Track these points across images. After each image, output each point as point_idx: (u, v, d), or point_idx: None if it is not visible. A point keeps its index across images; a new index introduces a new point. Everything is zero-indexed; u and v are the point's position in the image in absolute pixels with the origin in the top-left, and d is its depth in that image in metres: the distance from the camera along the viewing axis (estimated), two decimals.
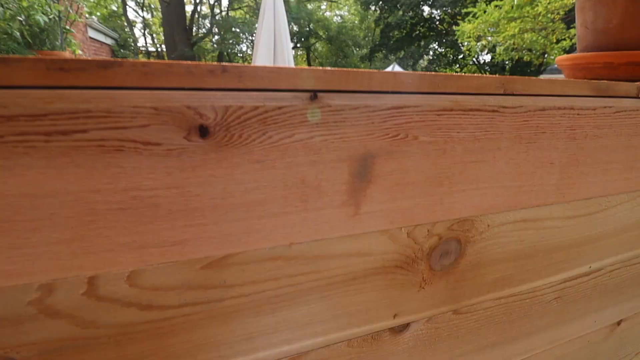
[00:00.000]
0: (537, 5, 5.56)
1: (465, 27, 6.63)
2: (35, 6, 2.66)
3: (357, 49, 20.25)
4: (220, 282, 0.30)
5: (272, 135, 0.29)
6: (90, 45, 6.69)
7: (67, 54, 2.93)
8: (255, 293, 0.32)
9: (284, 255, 0.32)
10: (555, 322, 0.54)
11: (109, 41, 8.07)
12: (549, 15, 5.41)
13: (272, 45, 5.51)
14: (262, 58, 5.52)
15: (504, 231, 0.43)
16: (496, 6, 6.02)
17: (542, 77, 3.32)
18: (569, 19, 5.44)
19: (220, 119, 0.27)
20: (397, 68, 5.66)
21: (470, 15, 6.58)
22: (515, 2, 5.71)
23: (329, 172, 0.31)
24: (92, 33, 6.90)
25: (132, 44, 8.90)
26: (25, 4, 2.65)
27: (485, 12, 6.25)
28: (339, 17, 22.63)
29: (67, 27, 2.96)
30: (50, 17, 2.70)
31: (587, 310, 0.57)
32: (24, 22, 2.60)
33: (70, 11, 2.99)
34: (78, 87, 0.23)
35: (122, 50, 8.39)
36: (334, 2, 21.76)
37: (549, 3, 5.29)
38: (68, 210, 0.25)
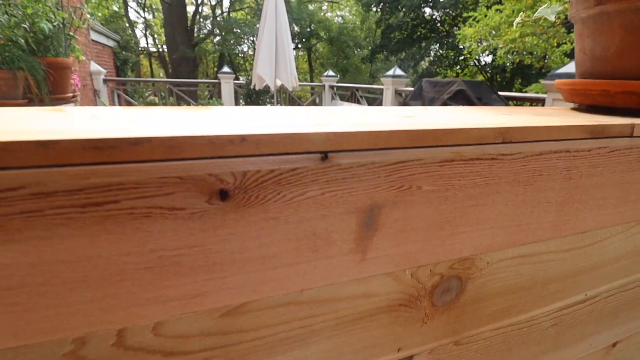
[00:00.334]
0: (537, 9, 5.54)
1: (467, 31, 6.65)
2: (40, 13, 2.69)
3: (358, 50, 20.27)
4: (237, 328, 0.32)
5: (286, 194, 0.31)
6: (92, 48, 6.72)
7: (70, 60, 2.95)
8: (269, 336, 0.34)
9: (295, 300, 0.34)
10: (552, 348, 0.56)
11: (110, 43, 8.10)
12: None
13: (273, 47, 5.54)
14: (263, 60, 5.54)
15: (503, 267, 0.46)
16: (497, 10, 6.05)
17: (542, 82, 3.34)
18: (569, 23, 5.46)
19: (239, 183, 0.29)
20: (398, 71, 5.69)
21: (472, 19, 6.60)
22: (516, 7, 5.74)
23: (338, 224, 0.34)
24: (94, 36, 6.93)
25: (134, 46, 8.91)
26: (29, 11, 2.67)
27: (486, 16, 6.27)
28: (340, 18, 22.64)
29: (71, 33, 2.98)
30: (55, 24, 2.73)
31: (583, 335, 0.59)
32: (28, 29, 2.62)
33: (74, 17, 3.01)
34: (111, 163, 0.25)
35: (124, 52, 8.42)
36: (335, 2, 21.77)
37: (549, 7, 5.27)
38: (100, 272, 0.27)
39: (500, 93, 3.91)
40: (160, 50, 21.46)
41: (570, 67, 3.11)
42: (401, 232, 0.37)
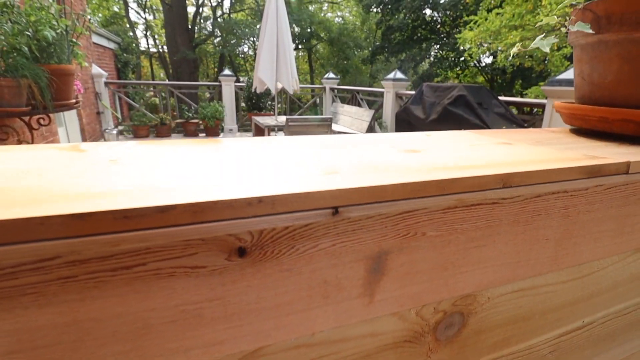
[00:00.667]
0: (538, 14, 5.61)
1: (467, 35, 6.67)
2: (43, 21, 2.70)
3: (359, 50, 20.28)
4: None
5: (299, 248, 0.33)
6: (94, 51, 6.73)
7: (73, 67, 2.97)
8: None
9: (307, 343, 0.36)
10: None
11: (112, 45, 8.12)
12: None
13: (274, 50, 5.56)
14: (264, 63, 5.56)
15: (503, 301, 0.47)
16: (497, 14, 6.06)
17: (543, 88, 3.36)
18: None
19: (256, 240, 0.31)
20: (399, 75, 5.71)
21: (472, 22, 6.62)
22: (517, 11, 5.75)
23: (347, 272, 0.36)
24: (95, 38, 6.95)
25: (135, 48, 8.93)
26: (33, 18, 2.69)
27: (486, 19, 6.28)
28: (340, 19, 22.65)
29: (74, 39, 2.99)
30: (58, 31, 2.74)
31: (580, 359, 0.61)
32: (31, 37, 2.64)
33: (77, 24, 3.03)
34: (139, 229, 0.27)
35: (125, 55, 8.44)
36: (335, 3, 21.78)
37: (549, 12, 5.31)
38: (128, 327, 0.29)
39: (501, 98, 3.92)
40: (161, 50, 21.48)
41: (570, 74, 3.12)
42: (406, 274, 0.39)
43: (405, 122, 4.37)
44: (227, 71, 7.48)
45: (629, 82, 0.69)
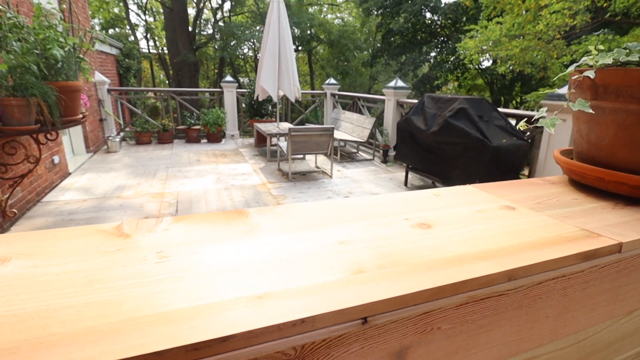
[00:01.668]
0: (538, 23, 5.66)
1: (468, 44, 6.72)
2: (51, 38, 2.74)
3: (358, 52, 20.32)
4: None
5: (334, 354, 0.38)
6: (96, 58, 6.77)
7: (80, 83, 3.01)
8: None
9: None
10: None
11: (114, 51, 8.16)
12: (550, 32, 5.51)
13: (276, 59, 5.61)
14: (267, 72, 5.60)
15: None
16: (498, 22, 6.11)
17: (543, 102, 3.41)
18: (569, 37, 5.54)
19: (299, 353, 0.36)
20: (400, 83, 5.75)
21: (473, 31, 6.67)
22: (517, 20, 5.81)
23: None
24: (97, 45, 6.99)
25: (137, 53, 8.97)
26: (41, 36, 2.73)
27: (486, 27, 6.33)
28: (340, 20, 22.67)
29: (81, 55, 3.04)
30: (66, 49, 2.79)
31: None
32: (40, 55, 2.68)
33: (84, 40, 3.08)
34: (205, 357, 0.32)
35: (126, 60, 8.48)
36: (336, 5, 21.81)
37: (549, 22, 5.38)
38: None
39: (501, 110, 3.98)
40: (161, 52, 21.50)
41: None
42: None
43: (407, 132, 4.42)
44: (229, 77, 7.52)
45: (624, 147, 0.74)
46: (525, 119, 0.90)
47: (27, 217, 3.38)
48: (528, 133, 3.75)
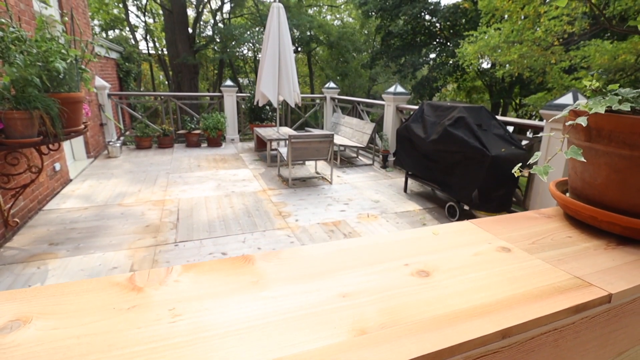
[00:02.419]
0: (537, 30, 5.69)
1: (467, 50, 6.75)
2: (53, 50, 2.76)
3: (358, 53, 20.35)
4: None
5: None
6: (96, 63, 6.79)
7: (82, 95, 3.03)
8: None
9: None
10: None
11: (114, 55, 8.18)
12: (549, 39, 5.54)
13: (276, 65, 5.63)
14: (267, 78, 5.63)
15: None
16: (497, 29, 6.14)
17: (542, 112, 3.44)
18: (568, 44, 5.57)
19: None
20: (399, 89, 5.78)
21: (472, 37, 6.70)
22: (515, 27, 5.83)
23: None
24: (97, 49, 7.00)
25: (136, 56, 8.99)
26: (43, 48, 2.75)
27: (485, 32, 6.36)
28: (340, 22, 22.71)
29: (83, 66, 3.06)
30: (68, 61, 2.81)
31: None
32: (42, 67, 2.70)
33: (86, 50, 3.10)
34: None
35: (126, 64, 8.49)
36: (335, 7, 21.83)
37: (547, 28, 5.42)
38: None
39: (499, 117, 4.00)
40: (160, 52, 21.51)
41: (568, 99, 3.20)
42: None
43: (407, 139, 4.44)
44: (228, 81, 7.54)
45: (616, 189, 0.77)
46: (520, 165, 0.93)
47: (29, 226, 3.41)
48: (526, 142, 3.78)
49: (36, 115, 2.61)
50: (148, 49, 21.38)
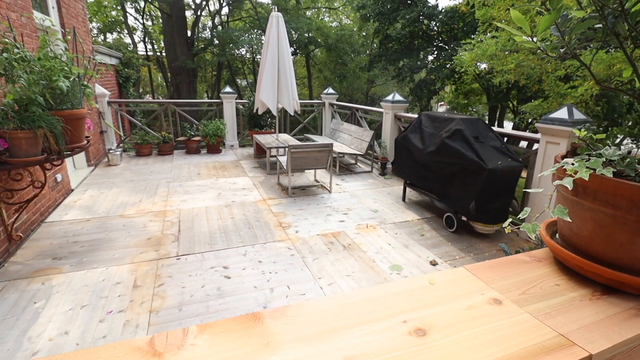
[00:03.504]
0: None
1: (465, 58, 6.82)
2: (56, 68, 2.80)
3: (355, 55, 20.41)
4: None
5: None
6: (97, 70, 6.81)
7: (85, 111, 3.07)
8: None
9: None
10: None
11: (113, 61, 8.20)
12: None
13: (275, 74, 5.68)
14: (266, 87, 5.67)
15: None
16: (493, 37, 6.21)
17: (538, 125, 3.50)
18: (564, 57, 5.61)
19: None
20: (397, 97, 5.84)
21: (469, 44, 6.77)
22: (512, 36, 5.91)
23: None
24: (98, 57, 7.03)
25: (135, 62, 9.01)
26: (47, 66, 2.78)
27: (481, 40, 6.43)
28: (338, 23, 22.76)
29: (85, 82, 3.10)
30: (71, 79, 2.85)
31: None
32: (46, 86, 2.74)
33: (88, 66, 3.14)
34: None
35: (126, 70, 8.52)
36: (334, 9, 21.88)
37: (544, 37, 5.46)
38: None
39: (496, 129, 4.06)
40: (159, 54, 21.52)
41: (563, 113, 3.26)
42: None
43: (405, 150, 4.50)
44: (228, 88, 7.58)
45: (601, 243, 0.82)
46: (511, 221, 0.97)
47: (33, 240, 3.44)
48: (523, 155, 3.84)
49: (40, 134, 2.65)
50: (146, 51, 21.39)
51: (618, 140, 0.98)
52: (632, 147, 0.91)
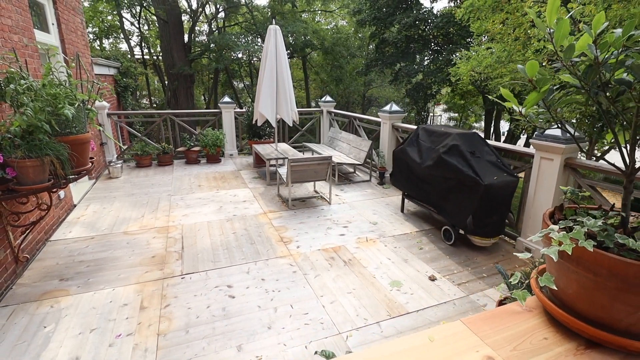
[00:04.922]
0: (527, 51, 5.87)
1: (461, 70, 6.91)
2: (60, 95, 2.86)
3: (352, 58, 20.49)
4: None
5: None
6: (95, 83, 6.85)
7: (90, 135, 3.13)
8: None
9: None
10: None
11: (111, 72, 8.24)
12: (539, 59, 5.73)
13: (274, 85, 5.75)
14: (265, 98, 5.74)
15: None
16: (488, 48, 6.31)
17: (532, 141, 3.58)
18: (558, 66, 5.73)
19: None
20: (395, 107, 5.91)
21: (466, 58, 6.87)
22: (507, 48, 6.00)
23: None
24: (97, 69, 7.08)
25: (134, 71, 9.05)
26: (52, 92, 2.84)
27: (476, 52, 6.53)
28: (335, 25, 22.83)
29: (89, 106, 3.16)
30: (76, 105, 2.91)
31: None
32: (51, 113, 2.79)
33: (92, 90, 3.20)
34: None
35: (124, 79, 8.56)
36: (330, 12, 21.95)
37: (538, 48, 5.59)
38: None
39: (491, 142, 4.15)
40: (156, 59, 21.52)
41: (556, 130, 3.35)
42: None
43: (403, 162, 4.58)
44: (226, 98, 7.64)
45: (584, 302, 0.90)
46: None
47: (38, 260, 3.50)
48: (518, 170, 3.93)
49: (47, 161, 2.71)
50: (143, 55, 21.37)
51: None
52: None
